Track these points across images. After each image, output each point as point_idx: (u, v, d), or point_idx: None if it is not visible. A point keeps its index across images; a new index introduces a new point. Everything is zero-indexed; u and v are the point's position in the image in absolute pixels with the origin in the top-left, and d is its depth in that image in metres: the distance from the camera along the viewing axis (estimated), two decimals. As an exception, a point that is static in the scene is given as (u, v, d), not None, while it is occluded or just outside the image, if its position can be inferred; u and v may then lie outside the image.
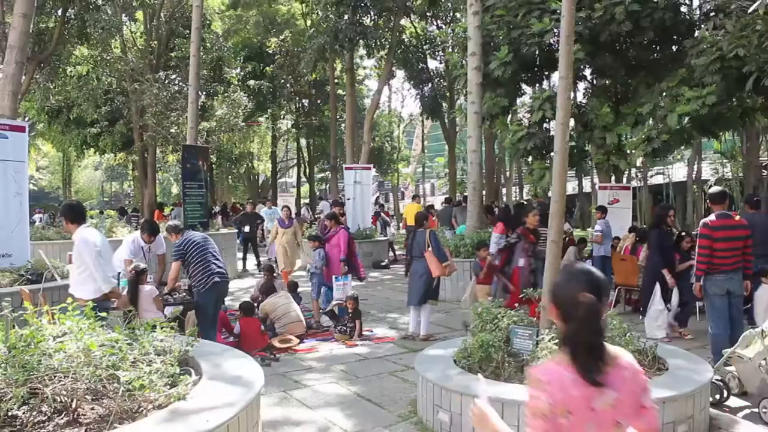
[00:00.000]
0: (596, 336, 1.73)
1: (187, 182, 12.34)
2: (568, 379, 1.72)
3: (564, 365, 1.75)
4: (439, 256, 7.05)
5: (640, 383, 1.78)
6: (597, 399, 1.71)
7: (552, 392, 1.71)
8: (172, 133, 18.78)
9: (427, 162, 46.66)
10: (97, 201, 47.82)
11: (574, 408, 1.69)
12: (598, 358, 1.72)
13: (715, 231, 5.49)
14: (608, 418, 1.70)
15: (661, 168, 28.39)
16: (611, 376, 1.73)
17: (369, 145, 19.34)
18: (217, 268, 6.09)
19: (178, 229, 6.31)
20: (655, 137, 9.34)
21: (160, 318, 5.15)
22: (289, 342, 7.07)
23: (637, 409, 1.76)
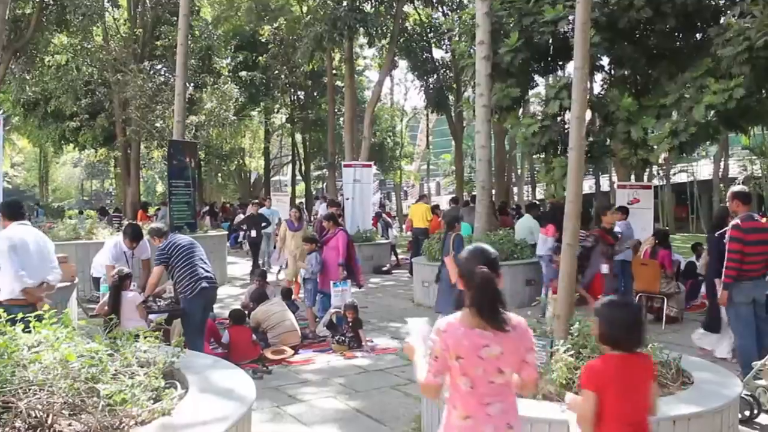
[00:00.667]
0: (491, 297, 2.40)
1: (173, 180, 12.34)
2: (460, 332, 2.39)
3: (461, 321, 2.42)
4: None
5: (525, 343, 2.46)
6: (483, 350, 2.38)
7: (446, 339, 2.40)
8: (158, 128, 18.80)
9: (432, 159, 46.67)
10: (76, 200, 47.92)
11: (463, 354, 2.39)
12: (496, 313, 2.39)
13: (748, 234, 5.46)
14: (493, 365, 2.40)
15: (685, 165, 28.36)
16: (504, 333, 2.40)
17: (369, 141, 19.35)
18: (204, 272, 6.08)
19: (161, 233, 6.29)
20: (682, 130, 9.30)
21: (144, 327, 5.14)
22: (282, 353, 7.06)
23: (520, 363, 2.45)
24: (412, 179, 46.88)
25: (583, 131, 4.79)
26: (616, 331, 2.57)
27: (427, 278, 10.40)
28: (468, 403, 2.44)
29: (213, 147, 24.74)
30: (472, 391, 2.43)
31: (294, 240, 10.20)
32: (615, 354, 2.57)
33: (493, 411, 2.44)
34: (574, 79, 4.81)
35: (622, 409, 2.50)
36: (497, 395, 2.44)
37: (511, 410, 2.49)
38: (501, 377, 2.42)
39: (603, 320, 2.61)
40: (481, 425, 2.43)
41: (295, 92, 30.91)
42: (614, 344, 2.58)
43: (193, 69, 20.62)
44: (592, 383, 2.55)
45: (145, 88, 18.38)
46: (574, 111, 4.77)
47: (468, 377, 2.41)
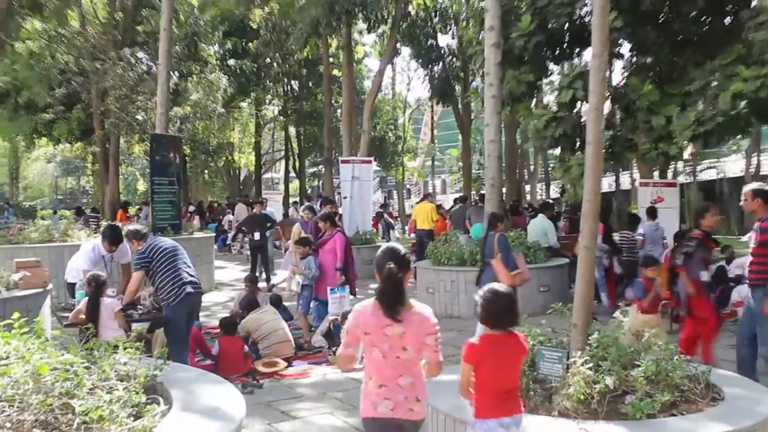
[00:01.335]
0: (392, 290, 3.10)
1: (155, 177, 12.35)
2: (368, 311, 3.15)
3: (371, 306, 3.16)
4: (507, 263, 7.17)
5: (426, 329, 3.12)
6: (388, 329, 3.11)
7: (357, 318, 3.17)
8: (139, 120, 18.84)
9: (438, 154, 46.66)
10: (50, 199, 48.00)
11: (370, 330, 3.12)
12: (396, 303, 3.10)
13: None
14: (397, 343, 3.11)
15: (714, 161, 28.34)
16: (405, 318, 3.10)
17: (369, 135, 19.36)
18: (189, 277, 6.08)
19: (140, 235, 6.27)
20: (708, 120, 9.28)
21: (123, 337, 5.13)
22: (275, 365, 7.05)
23: (421, 344, 3.12)
24: (415, 176, 46.87)
25: (602, 125, 4.77)
26: (493, 314, 3.28)
27: (432, 284, 10.41)
28: (382, 373, 3.15)
29: (199, 141, 24.80)
30: (384, 361, 3.13)
31: None
32: (491, 333, 3.28)
33: (403, 383, 3.15)
34: (592, 67, 4.80)
35: (496, 379, 3.24)
36: (406, 369, 3.15)
37: (420, 386, 3.20)
38: (406, 354, 3.15)
39: (482, 304, 3.30)
40: (393, 393, 3.13)
41: (289, 82, 30.91)
42: (491, 325, 3.28)
43: (178, 57, 20.66)
44: (471, 357, 3.26)
45: (125, 77, 18.42)
46: (592, 102, 4.76)
47: (377, 348, 3.14)
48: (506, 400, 3.26)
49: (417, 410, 3.18)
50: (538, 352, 4.47)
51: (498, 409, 3.23)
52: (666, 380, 4.02)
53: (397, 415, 3.15)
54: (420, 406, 3.19)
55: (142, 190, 45.99)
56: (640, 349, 4.33)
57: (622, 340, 4.34)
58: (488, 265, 7.35)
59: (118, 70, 18.27)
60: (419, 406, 3.18)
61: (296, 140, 34.15)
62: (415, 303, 3.18)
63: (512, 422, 3.25)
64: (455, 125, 28.39)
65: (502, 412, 3.22)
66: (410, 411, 3.17)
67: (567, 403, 3.93)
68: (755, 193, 5.74)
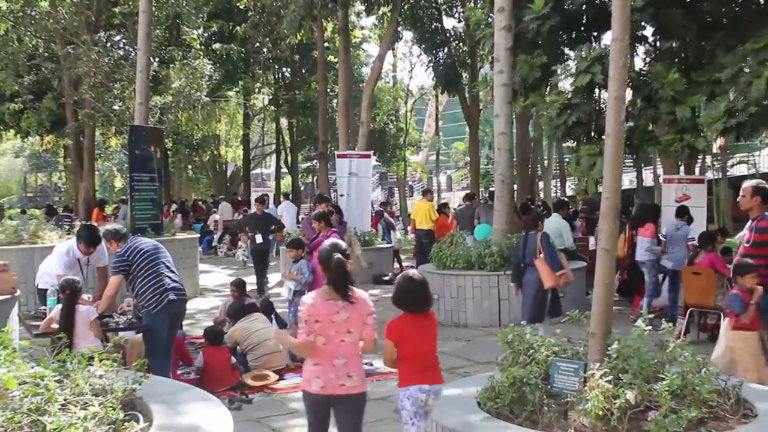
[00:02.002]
0: (342, 278, 3.94)
1: (135, 173, 12.36)
2: (318, 302, 3.92)
3: (320, 296, 3.95)
4: (552, 263, 7.47)
5: (367, 310, 3.97)
6: (335, 315, 3.88)
7: (308, 307, 3.91)
8: (116, 111, 18.81)
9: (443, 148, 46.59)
10: (18, 197, 47.95)
11: (320, 317, 3.87)
12: (347, 288, 3.93)
13: None
14: (343, 326, 3.90)
15: (745, 155, 28.28)
16: (351, 305, 3.91)
17: (368, 127, 19.34)
18: (171, 282, 6.09)
19: (119, 236, 6.27)
20: (739, 110, 9.27)
21: (99, 347, 5.13)
22: (265, 378, 7.06)
23: (362, 325, 3.94)
24: (418, 172, 46.85)
25: (623, 115, 4.77)
26: (407, 299, 4.15)
27: (436, 289, 10.39)
28: (320, 355, 3.93)
29: (182, 134, 24.77)
30: (325, 348, 3.91)
31: None
32: (407, 315, 4.15)
33: (337, 363, 3.92)
34: (612, 52, 4.80)
35: (416, 353, 4.12)
36: (345, 352, 3.92)
37: (353, 364, 3.96)
38: (350, 336, 3.93)
39: (397, 290, 4.19)
40: (326, 370, 3.91)
41: (280, 69, 30.89)
42: (405, 308, 4.16)
43: (158, 41, 20.63)
44: (391, 335, 4.12)
45: (100, 63, 18.38)
46: (612, 90, 4.76)
47: (323, 337, 3.90)
48: (425, 370, 4.12)
49: (348, 384, 3.92)
50: (552, 364, 4.47)
51: (418, 378, 4.09)
52: (693, 395, 4.02)
53: (326, 392, 3.91)
54: (352, 380, 3.93)
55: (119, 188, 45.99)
56: (664, 361, 4.34)
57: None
58: (529, 266, 7.66)
59: (93, 55, 18.23)
60: (351, 381, 3.93)
61: (288, 133, 34.11)
62: (353, 288, 4.01)
63: (431, 389, 4.10)
64: (462, 116, 28.34)
65: (422, 381, 4.08)
66: (341, 386, 3.91)
67: (584, 419, 3.93)
68: (755, 191, 5.97)
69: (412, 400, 4.07)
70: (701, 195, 12.49)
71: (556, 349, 4.65)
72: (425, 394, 4.07)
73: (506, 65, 11.05)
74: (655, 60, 12.14)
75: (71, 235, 10.99)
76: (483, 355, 7.89)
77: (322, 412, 4.00)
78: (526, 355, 4.64)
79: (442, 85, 24.96)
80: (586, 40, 12.25)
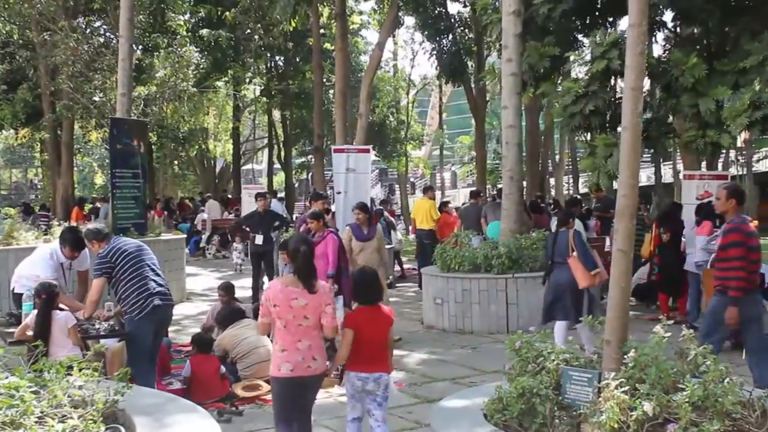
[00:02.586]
0: (307, 268, 4.61)
1: (117, 170, 12.36)
2: (278, 288, 4.58)
3: (281, 282, 4.66)
4: (586, 262, 7.65)
5: (325, 300, 4.62)
6: (293, 301, 4.50)
7: (268, 293, 4.61)
8: (96, 102, 18.80)
9: (447, 142, 46.64)
10: (-8, 195, 47.92)
11: (278, 303, 4.52)
12: (311, 277, 4.59)
13: (750, 238, 6.15)
14: (300, 312, 4.53)
15: (771, 149, 28.31)
16: (311, 294, 4.55)
17: (367, 120, 19.36)
18: (157, 286, 6.09)
19: (101, 235, 6.27)
20: (766, 102, 9.25)
21: (79, 356, 5.13)
22: (257, 389, 7.06)
23: (320, 312, 4.59)
24: (420, 168, 46.85)
25: (640, 106, 4.77)
26: (361, 291, 4.99)
27: (440, 294, 10.42)
28: (284, 339, 4.59)
29: (168, 127, 24.72)
30: (286, 331, 4.57)
31: (362, 254, 9.24)
32: (362, 307, 4.95)
33: (301, 346, 4.59)
34: (629, 38, 4.80)
35: (365, 342, 4.81)
36: (305, 335, 4.60)
37: (316, 348, 4.66)
38: (307, 321, 4.60)
39: (353, 284, 5.17)
40: (293, 354, 4.57)
41: (273, 57, 30.87)
42: (360, 300, 5.01)
43: (142, 27, 20.63)
44: (350, 324, 4.84)
45: (79, 51, 18.38)
46: (629, 80, 4.75)
47: (282, 320, 4.58)
48: (368, 359, 4.82)
49: (314, 367, 4.64)
50: (564, 373, 4.47)
51: (358, 366, 4.82)
52: (715, 407, 4.01)
53: (296, 374, 4.57)
54: (317, 363, 4.65)
55: (100, 185, 45.98)
56: (684, 370, 4.34)
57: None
58: (559, 265, 7.86)
59: (71, 42, 18.23)
60: (316, 363, 4.65)
61: (281, 126, 34.11)
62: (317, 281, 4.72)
63: (369, 377, 4.82)
64: (467, 108, 28.33)
65: (360, 369, 4.82)
66: (308, 368, 4.61)
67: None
68: (730, 193, 6.26)
69: (350, 384, 4.89)
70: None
71: (567, 357, 4.64)
72: (361, 381, 4.83)
73: (515, 53, 11.05)
74: (674, 47, 12.13)
75: (49, 235, 11.01)
76: (490, 363, 7.89)
77: (291, 395, 4.65)
78: (536, 363, 4.64)
79: (446, 74, 24.94)
80: (601, 26, 12.26)
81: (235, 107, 32.83)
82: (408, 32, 34.90)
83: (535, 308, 9.81)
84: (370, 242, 9.45)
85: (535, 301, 9.83)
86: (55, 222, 12.71)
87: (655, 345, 4.34)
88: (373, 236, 9.53)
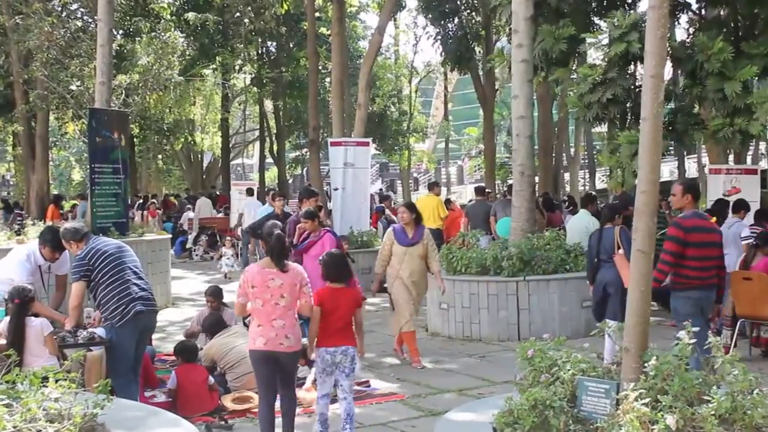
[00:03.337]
0: (280, 250, 5.64)
1: (96, 164, 12.36)
2: (255, 270, 5.61)
3: (258, 265, 5.71)
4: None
5: (300, 280, 5.64)
6: (270, 282, 5.49)
7: (246, 275, 5.61)
8: (73, 92, 18.79)
9: (453, 135, 46.65)
10: (-39, 193, 47.94)
11: (256, 283, 5.50)
12: (283, 258, 5.65)
13: (691, 233, 6.53)
14: (277, 292, 5.49)
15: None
16: (284, 273, 5.55)
17: (366, 110, 19.34)
18: (139, 291, 6.09)
19: (80, 235, 6.26)
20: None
21: (55, 366, 5.13)
22: (248, 401, 7.06)
23: (296, 293, 5.61)
24: (424, 162, 46.88)
25: (661, 95, 4.76)
26: (330, 272, 5.96)
27: (446, 298, 10.40)
28: (260, 317, 5.50)
29: (151, 118, 24.75)
30: (263, 309, 5.47)
31: (406, 261, 8.70)
32: (329, 286, 5.92)
33: (276, 324, 5.46)
34: (649, 21, 4.79)
35: (332, 319, 5.74)
36: (280, 314, 5.49)
37: (290, 326, 5.55)
38: (283, 300, 5.49)
39: (322, 265, 6.03)
40: (267, 331, 5.46)
41: (264, 43, 30.88)
42: (329, 279, 5.95)
43: (122, 10, 20.63)
44: (318, 301, 5.73)
45: (54, 36, 18.35)
46: (649, 67, 4.74)
47: (260, 300, 5.47)
48: (336, 335, 5.74)
49: (287, 344, 5.49)
50: (580, 384, 4.47)
51: (326, 341, 5.72)
52: (743, 420, 4.01)
53: (268, 348, 5.45)
54: (289, 341, 5.51)
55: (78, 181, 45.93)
56: (710, 381, 4.34)
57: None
58: (605, 263, 8.02)
59: (46, 26, 18.18)
60: (288, 341, 5.50)
61: (274, 117, 34.11)
62: (288, 262, 5.71)
63: (337, 350, 5.71)
64: (475, 98, 28.37)
65: (329, 343, 5.71)
66: (280, 345, 5.46)
67: (617, 448, 3.93)
68: (685, 189, 6.68)
69: (321, 359, 5.72)
70: (754, 187, 12.47)
71: (584, 366, 4.64)
72: (330, 355, 5.69)
73: (526, 38, 11.02)
74: (699, 30, 12.12)
75: (22, 236, 11.02)
76: (499, 373, 7.89)
77: (268, 366, 5.56)
78: (549, 373, 4.64)
79: (451, 61, 24.96)
80: (620, 7, 12.25)
81: (224, 97, 32.82)
82: (410, 16, 34.78)
83: (548, 314, 9.83)
84: (415, 247, 8.77)
85: (548, 306, 9.85)
86: (29, 221, 12.71)
87: (678, 353, 4.34)
88: (419, 240, 8.80)
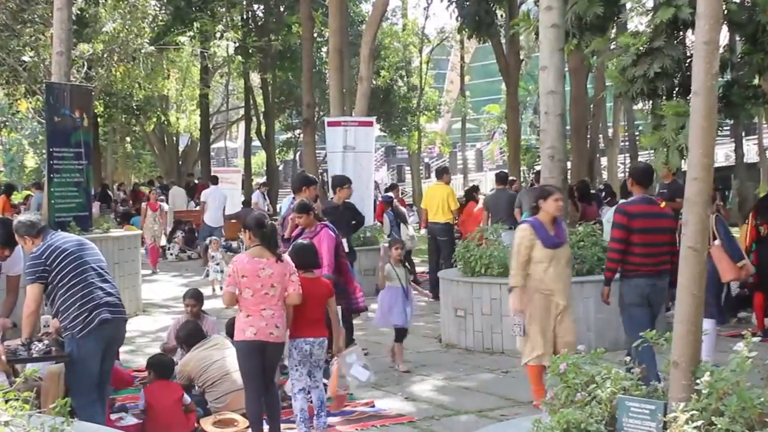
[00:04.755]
0: (274, 240, 6.61)
1: (54, 149, 12.38)
2: (245, 260, 6.45)
3: (248, 255, 6.49)
4: (732, 252, 8.10)
5: (289, 269, 6.53)
6: (260, 271, 6.35)
7: (236, 264, 6.48)
8: (26, 63, 18.82)
9: (471, 113, 46.60)
10: None
11: (247, 273, 6.34)
12: (274, 248, 6.56)
13: (634, 219, 7.17)
14: (267, 281, 6.36)
15: None
16: (274, 263, 6.43)
17: (369, 84, 19.34)
18: (105, 295, 6.09)
19: (35, 230, 6.26)
20: None
21: (6, 384, 5.14)
22: (231, 425, 7.07)
23: (286, 282, 6.47)
24: (437, 145, 46.86)
25: (716, 64, 4.74)
26: (300, 262, 6.70)
27: (462, 303, 10.40)
28: (249, 307, 6.25)
29: (118, 94, 24.80)
30: (252, 299, 6.22)
31: (553, 268, 7.20)
32: (302, 276, 6.60)
33: (266, 314, 6.23)
34: (702, -22, 4.77)
35: (305, 310, 6.56)
36: (270, 304, 6.25)
37: (279, 317, 6.31)
38: (273, 290, 6.27)
39: (293, 254, 6.80)
40: (257, 320, 6.21)
41: (250, 6, 30.89)
42: (301, 269, 6.66)
43: (85, -31, 20.63)
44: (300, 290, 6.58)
45: (6, 0, 18.40)
46: (701, 32, 4.72)
47: (250, 289, 6.22)
48: (311, 326, 6.63)
49: (276, 334, 6.27)
50: (621, 404, 4.47)
51: (303, 332, 6.58)
52: (813, 447, 4.01)
53: (258, 338, 6.19)
54: (278, 331, 6.30)
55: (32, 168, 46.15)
56: (773, 401, 4.33)
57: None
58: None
59: (-4, -11, 18.28)
60: (278, 331, 6.29)
61: (261, 93, 34.15)
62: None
63: (314, 341, 6.61)
64: (496, 70, 28.29)
65: (306, 334, 6.58)
66: (270, 334, 6.23)
67: (665, 478, 3.93)
68: (629, 174, 7.81)
69: (298, 350, 6.56)
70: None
71: (626, 384, 4.64)
72: (309, 345, 6.56)
73: None
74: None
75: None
76: (525, 392, 7.87)
77: (255, 357, 6.27)
78: (585, 391, 4.63)
79: (469, 27, 24.81)
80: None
81: (203, 69, 32.85)
82: (421, -26, 34.87)
83: (583, 322, 9.78)
84: (563, 249, 7.52)
85: (584, 313, 9.80)
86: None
87: (736, 368, 4.32)
88: (566, 240, 7.73)
